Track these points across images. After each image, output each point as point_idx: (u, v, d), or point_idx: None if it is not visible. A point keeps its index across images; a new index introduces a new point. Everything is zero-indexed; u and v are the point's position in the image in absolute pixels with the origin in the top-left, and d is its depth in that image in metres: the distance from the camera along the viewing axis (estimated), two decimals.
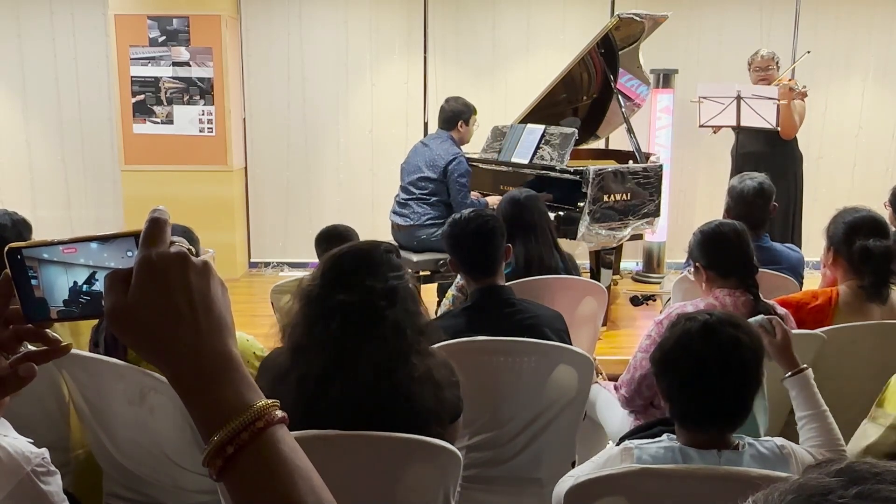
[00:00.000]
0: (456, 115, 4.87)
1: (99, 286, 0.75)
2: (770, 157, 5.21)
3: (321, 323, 1.68)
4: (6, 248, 0.75)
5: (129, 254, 0.74)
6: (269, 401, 0.70)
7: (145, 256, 0.70)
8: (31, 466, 1.49)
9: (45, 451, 1.54)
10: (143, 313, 0.69)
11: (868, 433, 1.74)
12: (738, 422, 1.67)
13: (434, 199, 4.76)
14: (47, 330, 0.80)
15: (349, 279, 1.70)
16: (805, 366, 2.04)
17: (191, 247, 0.73)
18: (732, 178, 3.56)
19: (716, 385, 1.63)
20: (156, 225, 0.71)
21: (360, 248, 1.80)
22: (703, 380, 1.64)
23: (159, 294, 0.69)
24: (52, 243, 0.76)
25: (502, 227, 2.66)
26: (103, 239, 0.76)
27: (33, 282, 0.76)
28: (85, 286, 0.76)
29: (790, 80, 5.43)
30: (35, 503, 1.49)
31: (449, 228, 2.69)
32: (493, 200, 4.92)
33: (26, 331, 0.79)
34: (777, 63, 5.34)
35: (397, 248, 1.89)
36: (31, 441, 1.55)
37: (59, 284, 0.76)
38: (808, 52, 5.63)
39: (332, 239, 3.52)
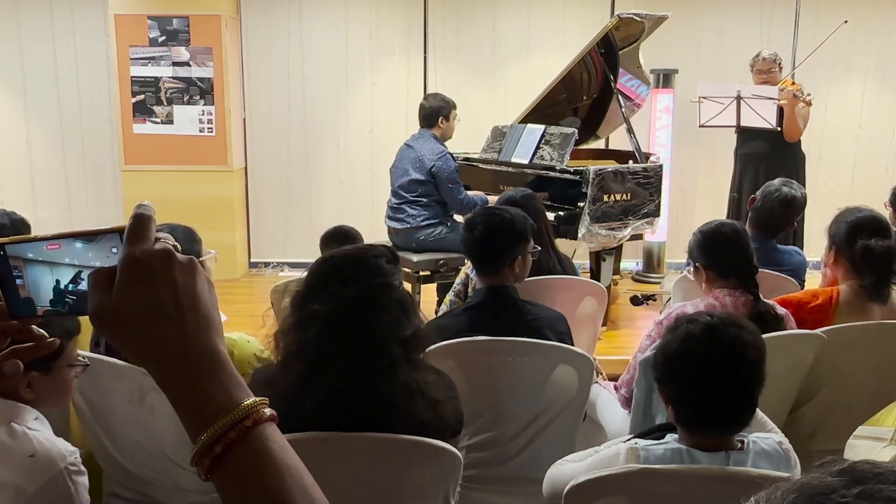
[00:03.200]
0: (435, 112, 4.85)
1: (85, 285, 0.73)
2: (773, 158, 5.21)
3: (299, 331, 1.68)
4: None
5: (115, 251, 0.73)
6: (258, 398, 0.69)
7: (129, 254, 0.68)
8: (65, 464, 1.51)
9: (77, 451, 1.56)
10: (128, 312, 0.68)
11: (884, 456, 1.73)
12: (745, 421, 1.66)
13: (426, 199, 4.74)
14: (33, 326, 0.79)
15: (323, 289, 1.68)
16: None
17: (176, 244, 0.72)
18: (773, 180, 3.53)
19: (723, 385, 1.62)
20: (140, 221, 0.69)
21: (345, 255, 1.76)
22: (710, 381, 1.62)
23: (144, 292, 0.67)
24: (35, 239, 0.75)
25: (514, 229, 2.61)
26: (87, 236, 0.75)
27: (18, 281, 0.75)
28: (71, 286, 0.75)
29: (793, 84, 5.40)
30: (64, 501, 1.51)
31: (464, 221, 2.77)
32: (494, 200, 4.92)
33: (11, 327, 0.78)
34: (780, 64, 5.33)
35: (393, 252, 1.84)
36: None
37: (44, 284, 0.75)
38: (846, 21, 5.47)
39: (337, 239, 3.52)
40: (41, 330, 0.80)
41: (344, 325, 1.64)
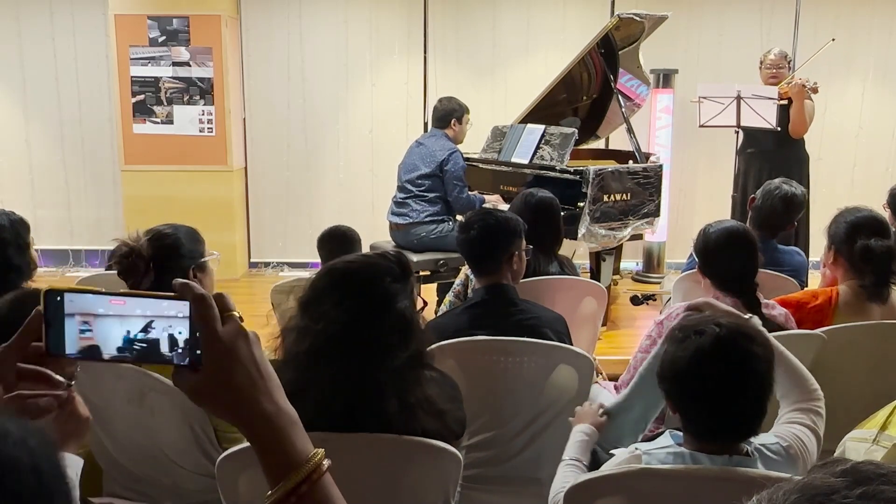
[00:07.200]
0: (448, 114, 4.90)
1: (154, 334, 0.81)
2: (777, 156, 5.17)
3: (304, 335, 1.65)
4: (45, 289, 0.81)
5: (182, 314, 0.81)
6: (319, 450, 0.84)
7: (214, 339, 0.79)
8: None
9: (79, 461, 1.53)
10: (225, 387, 0.80)
11: (874, 457, 1.73)
12: (754, 431, 1.63)
13: (432, 195, 4.77)
14: (47, 371, 0.86)
15: (324, 301, 1.65)
16: (750, 315, 2.11)
17: (240, 314, 0.82)
18: (774, 179, 3.52)
19: (731, 400, 1.59)
20: (205, 304, 0.79)
21: (352, 270, 1.70)
22: (718, 397, 1.59)
23: (236, 369, 0.80)
24: (95, 291, 0.81)
25: (509, 230, 2.62)
26: (150, 298, 0.81)
27: (88, 333, 0.81)
28: (140, 335, 0.81)
29: (800, 78, 5.36)
30: None
31: (460, 223, 2.81)
32: (491, 199, 4.93)
33: (28, 371, 0.84)
34: (789, 62, 5.32)
35: (403, 266, 1.73)
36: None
37: (114, 335, 0.81)
38: (833, 39, 5.43)
39: (335, 240, 3.52)
40: (59, 377, 0.88)
41: (350, 334, 1.61)
